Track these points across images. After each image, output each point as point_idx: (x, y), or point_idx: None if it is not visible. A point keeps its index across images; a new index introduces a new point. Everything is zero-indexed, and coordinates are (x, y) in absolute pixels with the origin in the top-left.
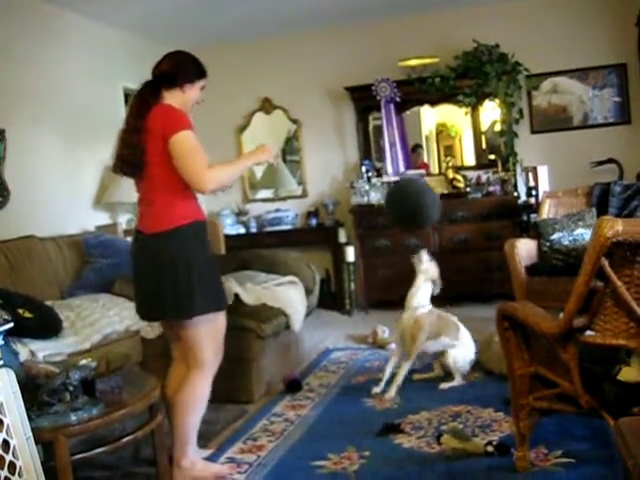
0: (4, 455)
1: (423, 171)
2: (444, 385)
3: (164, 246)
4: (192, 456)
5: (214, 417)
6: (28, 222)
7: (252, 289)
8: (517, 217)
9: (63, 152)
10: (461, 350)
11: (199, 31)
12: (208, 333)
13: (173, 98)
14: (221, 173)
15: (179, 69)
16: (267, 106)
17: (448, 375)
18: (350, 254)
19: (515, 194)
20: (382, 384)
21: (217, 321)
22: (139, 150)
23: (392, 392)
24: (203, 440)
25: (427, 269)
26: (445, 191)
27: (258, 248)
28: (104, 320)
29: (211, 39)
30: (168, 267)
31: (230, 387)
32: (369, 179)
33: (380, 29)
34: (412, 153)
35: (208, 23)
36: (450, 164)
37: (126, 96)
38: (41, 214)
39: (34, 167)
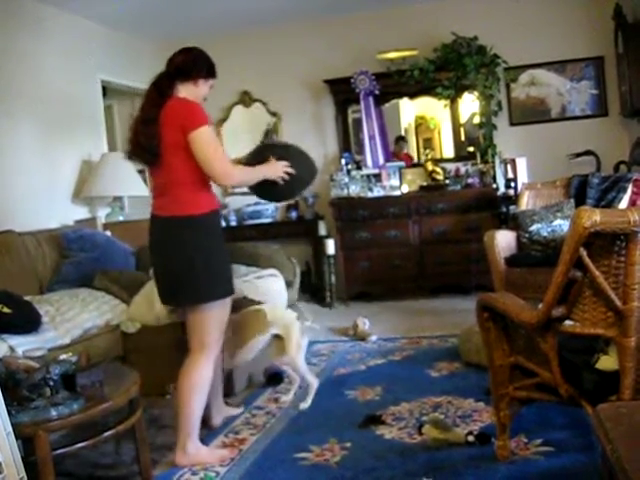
0: None
1: (402, 163)
2: (303, 405)
3: (182, 232)
4: (197, 441)
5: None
6: (6, 217)
7: None
8: (496, 209)
9: (40, 145)
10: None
11: (177, 25)
12: (218, 318)
13: (186, 91)
14: (243, 172)
15: (194, 63)
16: (246, 99)
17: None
18: (330, 247)
19: (494, 186)
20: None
21: (226, 306)
22: (156, 140)
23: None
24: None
25: None
26: (424, 183)
27: (238, 241)
28: (84, 314)
29: (189, 33)
30: (187, 253)
31: None
32: (349, 172)
33: (359, 22)
34: (395, 145)
35: (186, 17)
36: (429, 156)
37: (104, 89)
38: (19, 209)
39: (11, 161)
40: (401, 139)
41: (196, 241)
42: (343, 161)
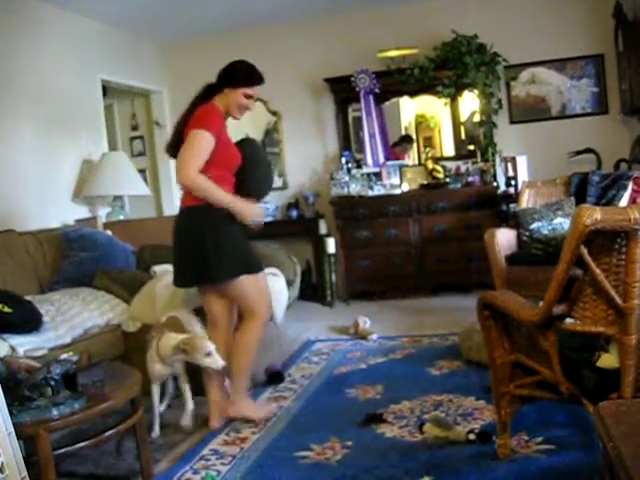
0: None
1: (403, 161)
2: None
3: (193, 221)
4: (245, 394)
5: (197, 409)
6: (7, 217)
7: None
8: (496, 207)
9: (41, 145)
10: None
11: (177, 24)
12: (250, 287)
13: (219, 100)
14: (203, 184)
15: (225, 74)
16: None
17: None
18: (331, 245)
19: (494, 184)
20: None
21: (255, 279)
22: (181, 138)
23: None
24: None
25: None
26: (425, 182)
27: None
28: (85, 314)
29: (189, 32)
30: (202, 238)
31: None
32: (349, 170)
33: (359, 20)
34: (401, 142)
35: (186, 17)
36: (429, 155)
37: (104, 88)
38: (20, 208)
39: (11, 161)
40: (406, 139)
41: (203, 227)
42: (343, 160)
